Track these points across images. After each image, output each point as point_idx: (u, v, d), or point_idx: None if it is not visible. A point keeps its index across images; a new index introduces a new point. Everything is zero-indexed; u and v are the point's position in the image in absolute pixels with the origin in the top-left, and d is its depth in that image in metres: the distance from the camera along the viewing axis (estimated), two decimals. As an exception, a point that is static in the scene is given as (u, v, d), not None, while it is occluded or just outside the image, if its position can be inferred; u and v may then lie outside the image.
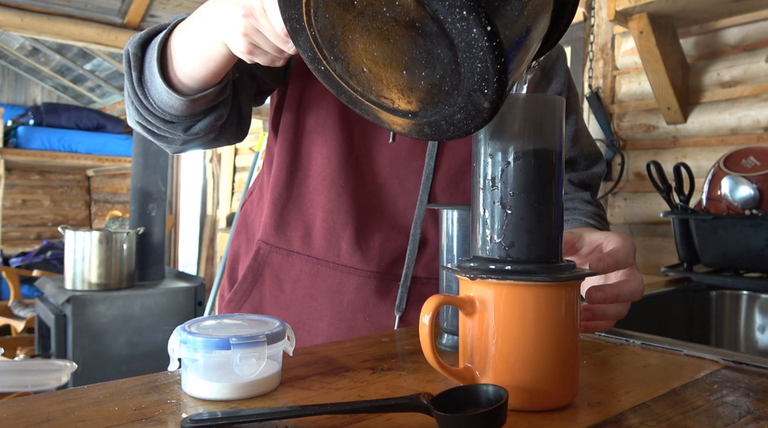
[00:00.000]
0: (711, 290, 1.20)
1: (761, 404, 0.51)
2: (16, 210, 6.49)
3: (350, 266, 0.83)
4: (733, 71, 1.68)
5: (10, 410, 0.46)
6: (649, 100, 1.85)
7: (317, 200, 0.84)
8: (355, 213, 0.82)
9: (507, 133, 0.49)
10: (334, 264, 0.83)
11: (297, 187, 0.85)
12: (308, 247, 0.84)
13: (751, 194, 1.16)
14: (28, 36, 4.59)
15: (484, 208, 0.50)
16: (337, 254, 0.83)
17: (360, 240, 0.82)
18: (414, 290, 0.84)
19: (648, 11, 1.58)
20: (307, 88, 0.85)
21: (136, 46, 0.70)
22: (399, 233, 0.83)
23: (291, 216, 0.85)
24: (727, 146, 1.61)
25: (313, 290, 0.84)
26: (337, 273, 0.83)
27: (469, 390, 0.46)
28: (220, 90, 0.72)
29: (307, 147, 0.85)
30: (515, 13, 0.40)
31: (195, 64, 0.67)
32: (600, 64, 1.99)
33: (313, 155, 0.84)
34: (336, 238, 0.83)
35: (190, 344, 0.50)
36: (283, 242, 0.85)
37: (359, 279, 0.83)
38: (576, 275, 0.49)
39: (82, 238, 2.39)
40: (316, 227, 0.84)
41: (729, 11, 1.61)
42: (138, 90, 0.70)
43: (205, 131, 0.76)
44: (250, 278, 0.86)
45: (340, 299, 0.83)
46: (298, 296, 0.84)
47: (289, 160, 0.86)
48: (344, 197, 0.82)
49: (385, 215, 0.84)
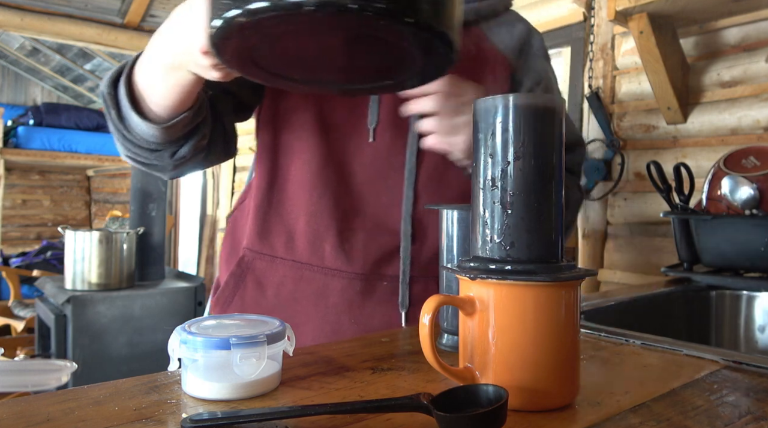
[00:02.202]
0: (711, 290, 1.20)
1: (761, 404, 0.51)
2: (16, 210, 6.49)
3: (334, 268, 0.83)
4: (733, 71, 1.68)
5: (10, 410, 0.46)
6: (649, 100, 1.85)
7: (298, 205, 0.84)
8: (337, 216, 0.82)
9: (507, 133, 0.49)
10: (318, 267, 0.83)
11: (278, 193, 0.86)
12: (292, 252, 0.84)
13: (751, 194, 1.16)
14: (28, 36, 4.59)
15: (484, 208, 0.50)
16: (321, 257, 0.83)
17: (343, 242, 0.82)
18: (411, 288, 0.84)
19: (648, 11, 1.58)
20: (282, 95, 0.86)
21: (108, 84, 0.72)
22: (384, 231, 0.83)
23: (273, 222, 0.85)
24: (727, 146, 1.61)
25: (297, 294, 0.84)
26: (322, 276, 0.83)
27: (469, 390, 0.46)
28: (194, 113, 0.73)
29: (285, 154, 0.86)
30: None
31: (163, 94, 0.69)
32: (600, 64, 1.99)
33: (292, 161, 0.85)
34: (319, 241, 0.83)
35: (190, 344, 0.50)
36: (267, 249, 0.86)
37: (343, 281, 0.82)
38: (576, 275, 0.49)
39: (82, 238, 2.39)
40: (299, 232, 0.84)
41: (729, 11, 1.61)
42: (119, 126, 0.73)
43: (192, 153, 0.77)
44: (232, 285, 0.86)
45: (324, 301, 0.83)
46: (282, 301, 0.84)
47: (270, 167, 0.86)
48: (325, 200, 0.83)
49: (368, 214, 0.84)
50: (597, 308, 0.96)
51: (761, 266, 1.16)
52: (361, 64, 0.58)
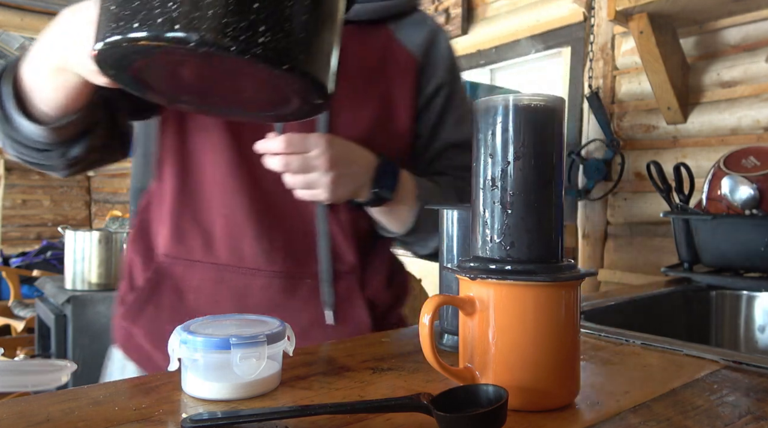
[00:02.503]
0: (711, 290, 1.20)
1: (761, 404, 0.51)
2: (16, 210, 6.49)
3: (255, 267, 0.81)
4: (733, 71, 1.68)
5: (10, 410, 0.46)
6: (649, 100, 1.85)
7: (213, 206, 0.82)
8: (254, 215, 0.81)
9: (507, 133, 0.49)
10: (237, 268, 0.81)
11: (190, 195, 0.83)
12: (210, 255, 0.82)
13: (751, 194, 1.16)
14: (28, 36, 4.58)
15: (484, 208, 0.50)
16: (240, 257, 0.81)
17: (262, 241, 0.81)
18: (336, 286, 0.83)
19: (648, 11, 1.58)
20: None
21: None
22: (303, 229, 0.82)
23: (188, 226, 0.82)
24: (727, 146, 1.61)
25: (217, 296, 0.82)
26: (242, 276, 0.81)
27: (469, 390, 0.46)
28: (85, 115, 0.71)
29: (194, 154, 0.82)
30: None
31: (50, 95, 0.67)
32: (600, 64, 1.99)
33: (203, 161, 0.82)
34: (238, 242, 0.81)
35: (190, 344, 0.50)
36: (184, 253, 0.83)
37: (264, 280, 0.81)
38: (576, 275, 0.49)
39: (82, 238, 2.38)
40: (217, 234, 0.82)
41: (729, 11, 1.61)
42: (4, 126, 0.70)
43: (85, 153, 0.75)
44: (147, 291, 0.83)
45: (245, 302, 0.81)
46: (201, 305, 0.81)
47: (179, 170, 0.83)
48: (240, 199, 0.80)
49: (286, 212, 0.82)
50: (597, 308, 0.96)
51: (761, 266, 1.16)
52: (245, 96, 0.61)
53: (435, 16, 2.62)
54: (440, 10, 2.58)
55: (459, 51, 2.54)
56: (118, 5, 0.47)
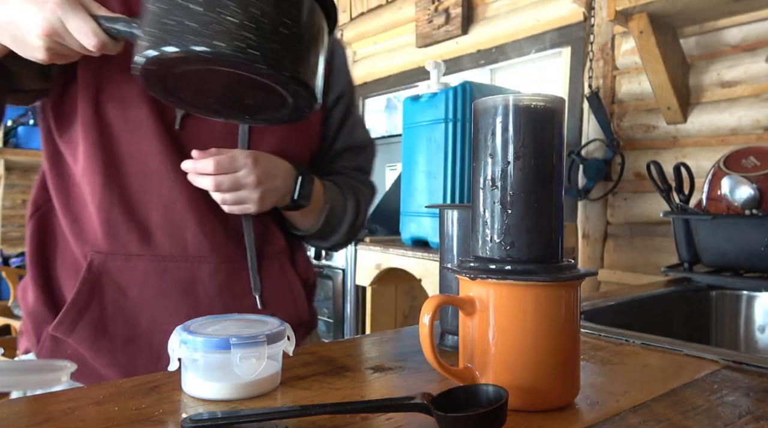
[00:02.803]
0: (711, 290, 1.20)
1: (761, 404, 0.51)
2: (16, 210, 6.49)
3: (199, 255, 0.81)
4: (733, 71, 1.68)
5: (10, 410, 0.46)
6: (649, 100, 1.85)
7: (149, 198, 0.80)
8: (195, 204, 0.80)
9: (507, 133, 0.49)
10: (182, 258, 0.81)
11: (119, 188, 0.80)
12: (149, 247, 0.80)
13: (751, 194, 1.16)
14: None
15: (484, 208, 0.50)
16: (183, 247, 0.81)
17: (205, 228, 0.81)
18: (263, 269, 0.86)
19: (648, 11, 1.58)
20: (103, 84, 0.78)
21: None
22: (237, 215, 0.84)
23: (121, 220, 0.80)
24: (727, 146, 1.61)
25: (163, 288, 0.80)
26: (187, 265, 0.81)
27: (469, 390, 0.46)
28: None
29: (121, 145, 0.80)
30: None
31: None
32: (600, 64, 1.99)
33: (132, 153, 0.80)
34: (179, 232, 0.80)
35: (190, 344, 0.50)
36: (119, 248, 0.80)
37: (210, 267, 0.82)
38: (576, 275, 0.49)
39: (82, 238, 2.38)
40: (155, 226, 0.80)
41: (729, 11, 1.61)
42: None
43: None
44: (85, 293, 0.79)
45: (194, 290, 0.81)
46: (148, 298, 0.80)
47: (102, 161, 0.79)
48: (178, 189, 0.80)
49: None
50: (597, 308, 0.96)
51: (761, 266, 1.16)
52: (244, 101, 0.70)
53: (435, 16, 2.62)
54: (440, 10, 2.58)
55: (459, 51, 2.54)
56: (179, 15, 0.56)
